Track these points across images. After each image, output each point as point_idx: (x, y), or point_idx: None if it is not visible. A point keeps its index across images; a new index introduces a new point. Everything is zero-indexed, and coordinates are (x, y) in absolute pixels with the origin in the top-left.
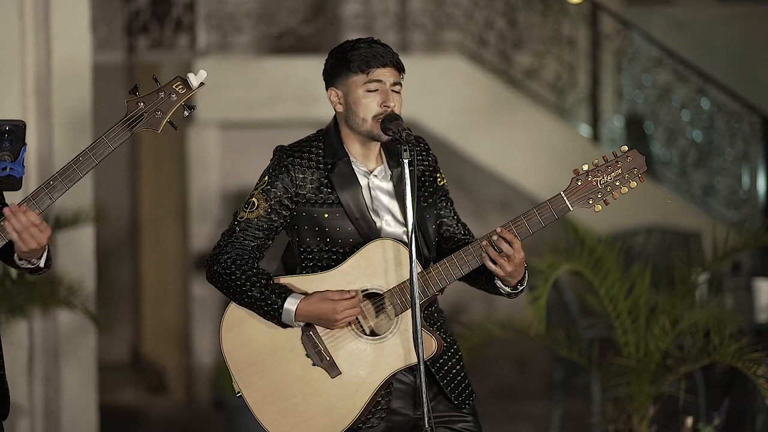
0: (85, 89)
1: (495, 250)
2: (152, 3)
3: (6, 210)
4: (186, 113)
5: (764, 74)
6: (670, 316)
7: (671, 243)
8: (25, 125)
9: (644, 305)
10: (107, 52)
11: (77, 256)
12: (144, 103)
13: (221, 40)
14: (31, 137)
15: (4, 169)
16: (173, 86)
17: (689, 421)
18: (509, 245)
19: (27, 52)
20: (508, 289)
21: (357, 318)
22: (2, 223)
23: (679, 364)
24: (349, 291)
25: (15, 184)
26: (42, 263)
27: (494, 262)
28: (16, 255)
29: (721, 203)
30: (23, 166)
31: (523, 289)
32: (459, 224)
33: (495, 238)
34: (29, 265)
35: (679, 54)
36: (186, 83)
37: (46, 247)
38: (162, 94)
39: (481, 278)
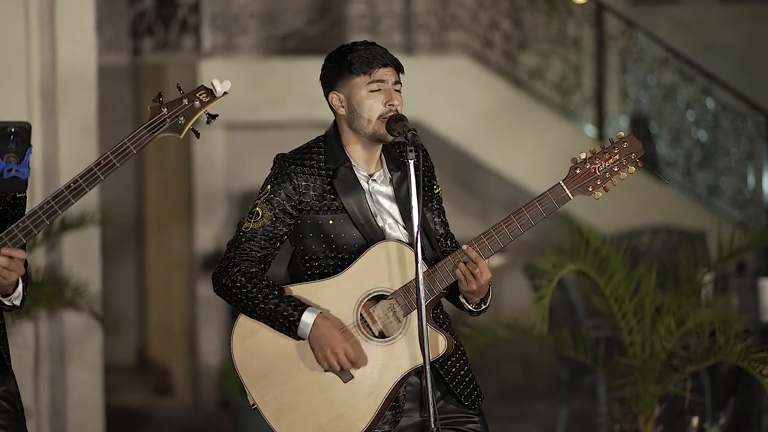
0: (90, 91)
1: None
2: (157, 4)
3: None
4: (208, 121)
5: None
6: (675, 315)
7: (677, 243)
8: (30, 127)
9: (650, 305)
10: (112, 54)
11: (83, 257)
12: (167, 109)
13: (226, 42)
14: (37, 139)
15: (10, 170)
16: (197, 94)
17: (695, 421)
18: (474, 264)
19: (32, 54)
20: (470, 307)
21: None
22: None
23: (684, 363)
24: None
25: (20, 185)
26: (18, 302)
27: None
28: None
29: (727, 203)
30: (29, 168)
31: (486, 308)
32: (447, 234)
33: (459, 254)
34: (6, 302)
35: (684, 54)
36: (210, 92)
37: (20, 283)
38: (185, 101)
39: (451, 292)
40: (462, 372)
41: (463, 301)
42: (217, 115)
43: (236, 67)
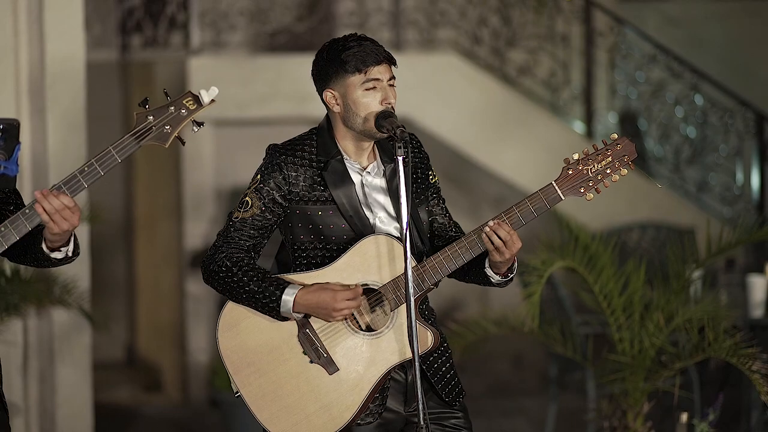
0: (78, 88)
1: (492, 241)
2: (146, 1)
3: (37, 193)
4: (194, 129)
5: (757, 70)
6: (664, 312)
7: (665, 239)
8: (19, 124)
9: (638, 301)
10: (101, 51)
11: None
12: (153, 116)
13: (215, 38)
14: (25, 136)
15: None
16: (183, 101)
17: (684, 417)
18: (507, 234)
19: (21, 51)
20: (499, 277)
21: (353, 314)
22: (33, 206)
23: (673, 360)
24: (349, 285)
25: (9, 182)
26: (71, 251)
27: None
28: (45, 246)
29: (715, 199)
30: (17, 165)
31: (512, 277)
32: (450, 222)
33: (487, 230)
34: (58, 255)
35: (672, 50)
36: (197, 99)
37: (73, 233)
38: (172, 109)
39: (472, 270)
40: (444, 368)
41: (489, 273)
42: (203, 123)
43: (225, 64)
